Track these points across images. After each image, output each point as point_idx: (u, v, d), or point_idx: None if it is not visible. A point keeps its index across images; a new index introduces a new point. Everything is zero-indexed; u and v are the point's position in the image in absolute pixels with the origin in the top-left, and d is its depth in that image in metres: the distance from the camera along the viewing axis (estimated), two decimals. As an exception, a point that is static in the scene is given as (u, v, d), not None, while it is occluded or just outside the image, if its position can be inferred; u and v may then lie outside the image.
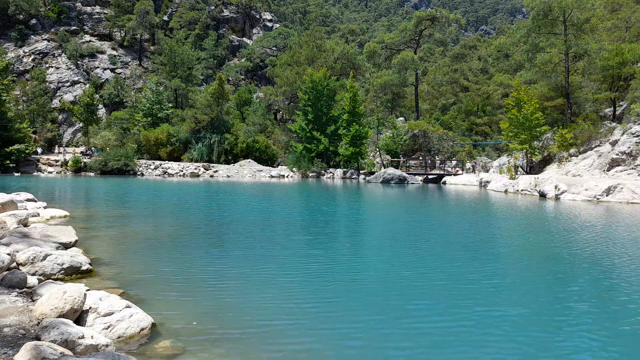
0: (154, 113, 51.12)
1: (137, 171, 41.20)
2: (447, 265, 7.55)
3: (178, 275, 6.50)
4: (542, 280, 6.75)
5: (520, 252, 9.05)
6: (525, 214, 16.08)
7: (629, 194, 19.35)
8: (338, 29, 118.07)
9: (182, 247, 8.69)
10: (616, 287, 6.36)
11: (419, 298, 5.79)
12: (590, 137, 30.17)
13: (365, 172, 39.75)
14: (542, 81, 38.53)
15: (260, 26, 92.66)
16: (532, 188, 23.68)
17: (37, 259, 5.97)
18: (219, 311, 5.05)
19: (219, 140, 46.67)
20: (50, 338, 3.69)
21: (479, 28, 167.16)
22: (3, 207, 9.43)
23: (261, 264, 7.34)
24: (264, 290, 5.92)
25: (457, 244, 9.60)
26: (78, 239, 7.88)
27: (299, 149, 42.59)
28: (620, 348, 4.34)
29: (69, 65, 67.03)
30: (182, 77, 58.99)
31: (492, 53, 69.46)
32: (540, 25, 35.33)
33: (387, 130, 44.13)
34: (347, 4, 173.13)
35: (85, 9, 77.10)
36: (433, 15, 57.32)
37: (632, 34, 39.63)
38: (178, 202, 18.34)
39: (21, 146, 38.78)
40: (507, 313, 5.26)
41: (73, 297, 4.29)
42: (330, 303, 5.53)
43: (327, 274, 6.98)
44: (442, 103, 63.15)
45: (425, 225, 13.06)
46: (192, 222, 12.33)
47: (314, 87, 42.88)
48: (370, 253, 8.86)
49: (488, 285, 6.44)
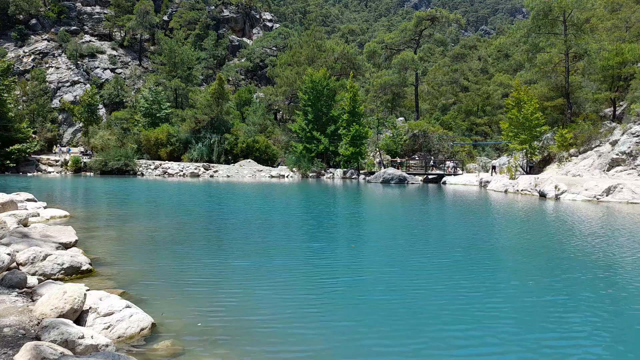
0: (152, 113, 51.08)
1: (137, 171, 41.18)
2: (448, 266, 7.55)
3: (178, 275, 6.50)
4: (543, 281, 6.75)
5: (521, 253, 9.05)
6: (525, 214, 16.07)
7: (629, 194, 19.35)
8: (338, 29, 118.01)
9: (182, 247, 8.68)
10: (616, 287, 6.36)
11: (422, 298, 5.78)
12: (590, 137, 30.17)
13: (365, 172, 39.74)
14: (542, 81, 38.53)
15: (260, 26, 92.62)
16: (532, 188, 23.67)
17: (37, 259, 5.97)
18: (219, 311, 5.05)
19: (219, 140, 46.64)
20: (50, 338, 3.69)
21: (479, 28, 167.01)
22: (3, 207, 9.43)
23: (261, 264, 7.34)
24: (264, 290, 5.91)
25: (458, 244, 9.60)
26: (78, 239, 7.88)
27: (299, 149, 42.57)
28: (621, 348, 4.34)
29: (69, 65, 66.99)
30: (182, 77, 58.91)
31: (492, 53, 69.44)
32: (540, 25, 35.33)
33: (387, 130, 44.11)
34: (347, 4, 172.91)
35: (85, 9, 77.05)
36: (433, 15, 57.30)
37: (632, 34, 39.62)
38: (178, 202, 18.34)
39: (21, 146, 38.78)
40: (509, 312, 5.26)
41: (73, 297, 4.29)
42: (332, 303, 5.53)
43: (328, 274, 6.97)
44: (442, 103, 63.11)
45: (426, 225, 13.06)
46: (192, 222, 12.32)
47: (314, 87, 42.86)
48: (373, 254, 8.85)
49: (491, 291, 6.44)
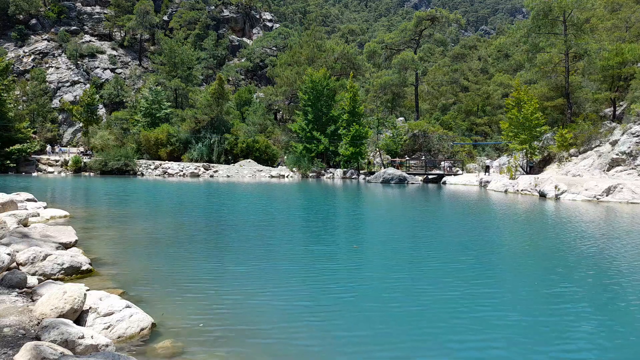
0: (152, 113, 51.08)
1: (137, 171, 41.18)
2: (449, 266, 7.55)
3: (178, 275, 6.50)
4: (544, 281, 6.75)
5: (522, 254, 9.05)
6: (525, 214, 16.07)
7: (629, 194, 19.35)
8: (338, 29, 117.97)
9: (182, 247, 8.68)
10: (617, 286, 6.36)
11: (425, 299, 5.78)
12: (590, 137, 30.16)
13: (365, 172, 39.74)
14: (542, 81, 38.52)
15: (260, 26, 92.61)
16: (532, 188, 23.66)
17: (37, 259, 5.97)
18: (219, 311, 5.05)
19: (219, 140, 46.62)
20: (50, 338, 3.69)
21: (479, 28, 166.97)
22: (3, 207, 9.43)
23: (262, 264, 7.34)
24: (264, 290, 5.91)
25: (458, 245, 9.59)
26: (78, 239, 7.88)
27: (299, 149, 42.56)
28: (622, 348, 4.34)
29: (69, 65, 66.99)
30: (182, 77, 58.90)
31: (492, 53, 69.42)
32: (540, 25, 35.32)
33: (387, 130, 44.09)
34: (347, 4, 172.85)
35: (85, 9, 77.05)
36: (433, 15, 57.28)
37: (632, 34, 39.62)
38: (178, 202, 18.34)
39: (21, 146, 38.78)
40: (509, 315, 5.26)
41: (73, 297, 4.29)
42: (333, 303, 5.52)
43: (329, 274, 6.97)
44: (442, 103, 63.08)
45: (427, 226, 13.06)
46: (192, 222, 12.32)
47: (314, 87, 42.85)
48: (375, 254, 8.85)
49: (492, 290, 6.44)
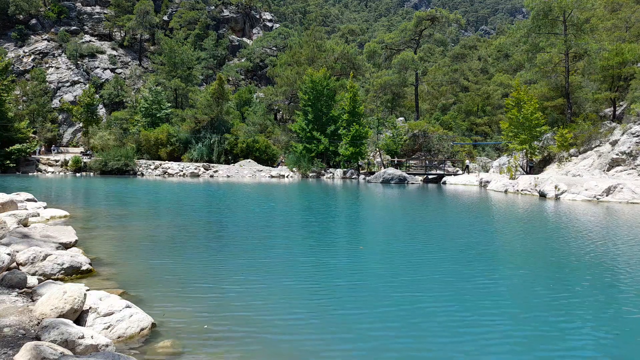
0: (152, 113, 51.08)
1: (137, 171, 41.18)
2: (450, 266, 7.55)
3: (178, 275, 6.50)
4: (543, 281, 6.75)
5: (523, 254, 9.05)
6: (525, 214, 16.07)
7: (629, 194, 19.35)
8: (338, 29, 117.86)
9: (182, 247, 8.68)
10: (618, 286, 6.36)
11: (428, 299, 5.78)
12: (590, 137, 30.17)
13: (365, 172, 39.74)
14: (542, 81, 38.51)
15: (260, 26, 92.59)
16: (532, 188, 23.66)
17: (37, 259, 5.97)
18: (220, 311, 5.04)
19: (219, 140, 46.62)
20: (50, 338, 3.69)
21: (479, 28, 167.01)
22: (3, 207, 9.43)
23: (262, 264, 7.33)
24: (264, 290, 5.91)
25: (458, 245, 9.60)
26: (78, 239, 7.88)
27: (299, 149, 42.56)
28: (622, 347, 4.34)
29: (69, 65, 66.98)
30: (182, 77, 58.90)
31: (492, 53, 69.41)
32: (540, 25, 35.32)
33: (387, 130, 44.08)
34: (347, 4, 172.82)
35: (85, 9, 77.02)
36: (433, 15, 57.27)
37: (632, 34, 39.61)
38: (178, 202, 18.34)
39: (21, 146, 38.78)
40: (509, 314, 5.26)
41: (73, 297, 4.29)
42: (334, 304, 5.52)
43: (329, 274, 6.97)
44: (442, 103, 63.08)
45: (427, 226, 13.06)
46: (192, 222, 12.32)
47: (314, 87, 42.84)
48: (377, 255, 8.84)
49: (492, 290, 6.44)
